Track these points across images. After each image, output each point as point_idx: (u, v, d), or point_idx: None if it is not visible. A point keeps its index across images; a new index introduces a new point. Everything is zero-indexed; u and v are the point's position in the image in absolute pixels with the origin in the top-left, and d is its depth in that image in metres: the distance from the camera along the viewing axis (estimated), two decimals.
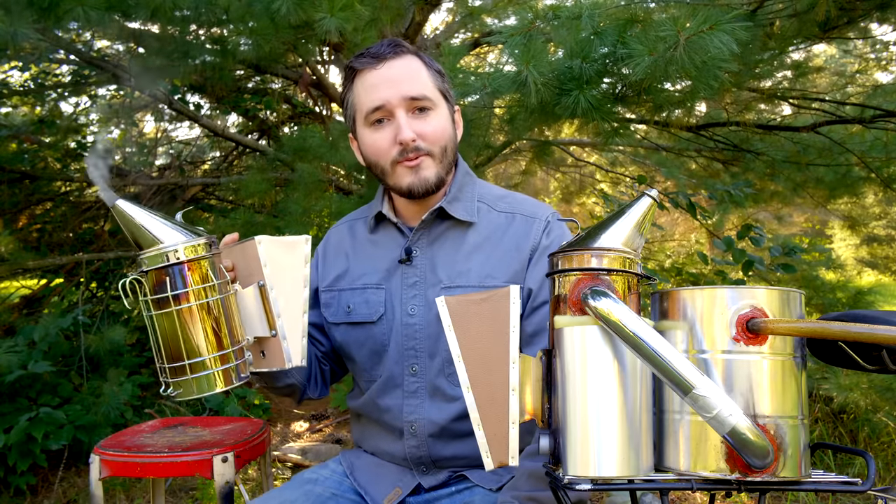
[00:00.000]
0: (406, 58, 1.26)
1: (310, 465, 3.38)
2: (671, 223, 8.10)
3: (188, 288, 1.00)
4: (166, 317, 1.00)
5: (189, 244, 1.01)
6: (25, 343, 3.22)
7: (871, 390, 2.68)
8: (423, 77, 1.27)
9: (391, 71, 1.24)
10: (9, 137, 4.45)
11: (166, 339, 1.01)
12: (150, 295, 1.00)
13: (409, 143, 1.22)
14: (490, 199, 1.35)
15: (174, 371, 1.02)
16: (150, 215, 1.02)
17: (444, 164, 1.28)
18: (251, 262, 1.11)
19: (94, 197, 4.99)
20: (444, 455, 1.28)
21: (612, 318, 0.76)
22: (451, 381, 1.27)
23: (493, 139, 3.57)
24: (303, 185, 3.24)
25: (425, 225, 1.31)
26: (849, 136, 3.84)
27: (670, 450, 0.81)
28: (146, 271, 1.00)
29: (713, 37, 1.83)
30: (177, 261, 1.00)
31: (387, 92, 1.23)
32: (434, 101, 1.26)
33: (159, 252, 0.99)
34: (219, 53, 3.26)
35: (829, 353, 0.85)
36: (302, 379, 1.35)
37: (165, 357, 1.02)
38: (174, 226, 1.03)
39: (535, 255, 1.27)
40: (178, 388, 1.02)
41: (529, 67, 2.09)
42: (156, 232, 1.00)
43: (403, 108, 1.23)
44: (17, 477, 3.03)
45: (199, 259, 1.02)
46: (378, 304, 1.32)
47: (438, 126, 1.26)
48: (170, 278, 0.99)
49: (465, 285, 1.25)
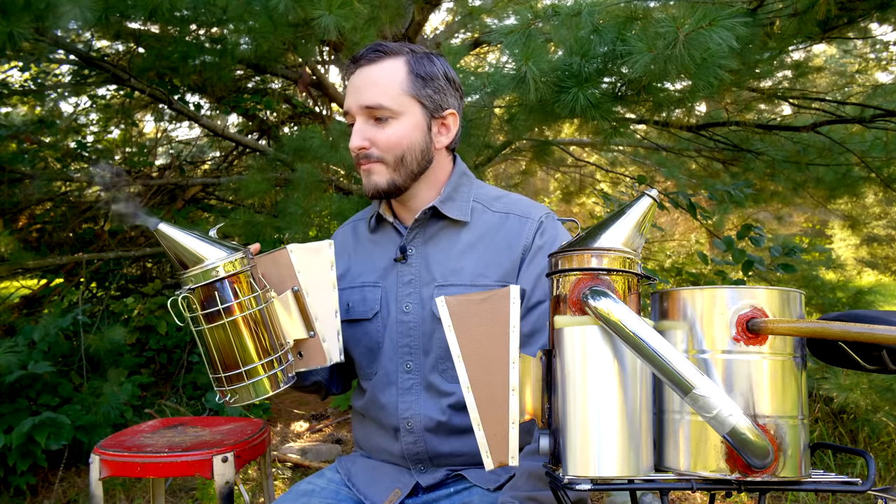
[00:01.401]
0: (382, 63, 1.26)
1: (310, 465, 3.38)
2: (671, 223, 8.11)
3: (236, 300, 1.08)
4: (218, 329, 1.08)
5: (231, 259, 1.08)
6: (25, 343, 3.22)
7: (871, 390, 2.68)
8: (391, 84, 1.25)
9: (360, 77, 1.27)
10: (9, 137, 4.45)
11: (220, 350, 1.08)
12: (200, 310, 1.07)
13: (355, 150, 1.28)
14: (486, 200, 1.35)
15: (230, 379, 1.09)
16: (191, 235, 1.09)
17: (402, 172, 1.28)
18: (283, 269, 1.18)
19: (94, 197, 5.00)
20: (441, 451, 1.29)
21: (612, 318, 0.76)
22: (444, 377, 1.28)
23: (493, 139, 3.57)
24: (303, 185, 3.24)
25: (420, 224, 1.33)
26: (849, 135, 3.83)
27: (670, 450, 0.81)
28: (194, 288, 1.07)
29: (712, 33, 1.83)
30: (223, 275, 1.07)
31: (351, 98, 1.28)
32: (395, 109, 1.25)
33: (204, 269, 1.06)
34: (218, 53, 3.26)
35: (829, 353, 0.85)
36: (326, 376, 1.42)
37: (221, 367, 1.09)
38: (213, 243, 1.10)
39: (527, 254, 1.27)
40: (235, 394, 1.09)
41: (529, 64, 2.09)
42: (199, 251, 1.08)
43: (362, 116, 1.27)
44: (17, 477, 3.03)
45: (241, 272, 1.09)
46: (374, 302, 1.34)
47: (394, 134, 1.26)
48: (218, 293, 1.07)
49: (458, 283, 1.27)
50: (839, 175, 4.00)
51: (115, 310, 4.32)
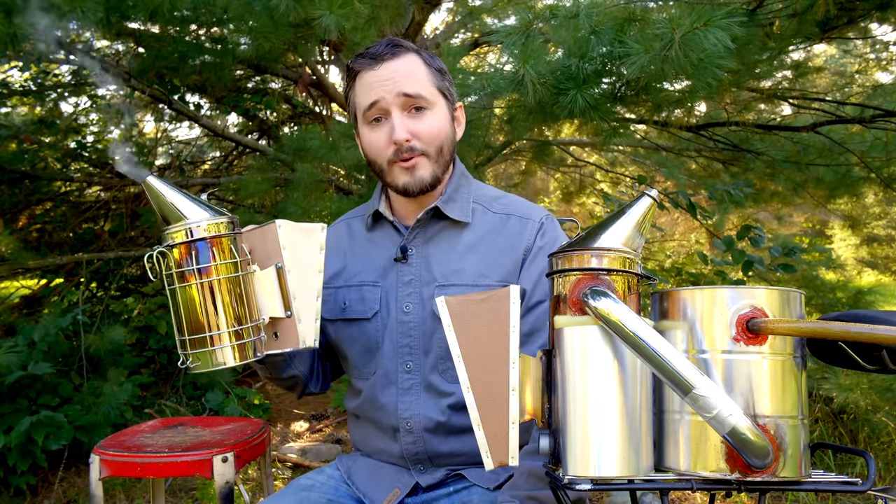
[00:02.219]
0: (404, 57, 1.27)
1: (310, 465, 3.38)
2: (671, 223, 8.11)
3: (212, 263, 1.04)
4: (190, 289, 1.04)
5: (214, 221, 1.05)
6: (25, 343, 3.21)
7: (871, 390, 2.68)
8: (421, 75, 1.27)
9: (388, 71, 1.25)
10: (9, 137, 4.45)
11: (188, 311, 1.05)
12: (175, 268, 1.04)
13: (402, 143, 1.24)
14: (485, 200, 1.36)
15: (193, 343, 1.05)
16: (179, 193, 1.06)
17: (441, 164, 1.29)
18: (270, 245, 1.15)
19: (94, 197, 4.99)
20: (441, 451, 1.29)
21: (612, 318, 0.76)
22: (444, 377, 1.28)
23: (493, 139, 3.57)
24: (303, 185, 3.24)
25: (421, 224, 1.33)
26: (849, 136, 3.84)
27: (670, 450, 0.81)
28: (172, 245, 1.04)
29: (707, 34, 1.83)
30: (202, 236, 1.04)
31: (382, 90, 1.25)
32: (430, 99, 1.27)
33: (186, 227, 1.03)
34: (218, 53, 3.26)
35: (829, 353, 0.85)
36: (305, 371, 1.38)
37: (186, 329, 1.05)
38: (200, 204, 1.07)
39: (528, 255, 1.28)
40: (197, 360, 1.06)
41: (527, 66, 2.10)
42: (184, 208, 1.05)
43: (398, 107, 1.25)
44: (17, 477, 3.02)
45: (223, 236, 1.06)
46: (374, 302, 1.33)
47: (434, 125, 1.27)
48: (195, 253, 1.04)
49: (459, 284, 1.27)
50: (839, 175, 4.00)
51: (115, 310, 4.32)
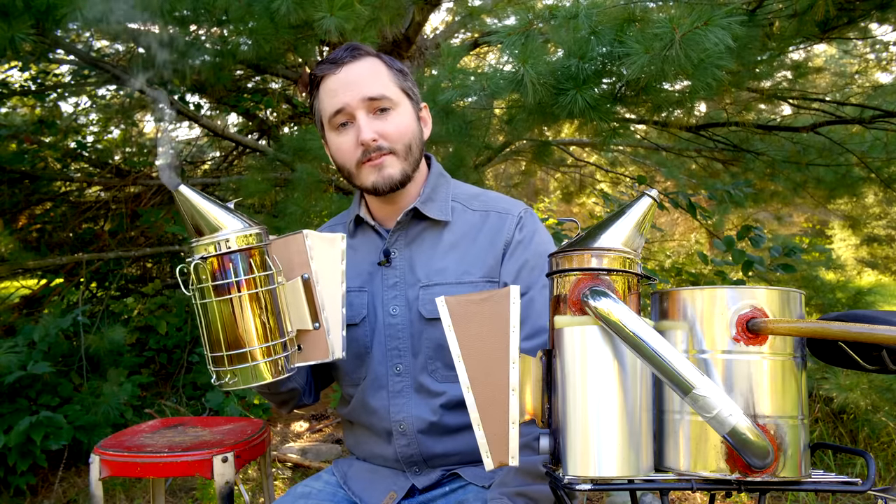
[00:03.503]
0: (364, 60, 1.28)
1: (310, 465, 3.38)
2: (671, 223, 8.11)
3: (250, 275, 1.00)
4: (225, 304, 0.99)
5: (248, 232, 1.00)
6: (25, 343, 3.22)
7: (871, 390, 2.68)
8: (383, 77, 1.28)
9: (349, 74, 1.26)
10: (9, 137, 4.45)
11: (225, 326, 1.00)
12: (210, 281, 0.99)
13: (370, 143, 1.25)
14: (464, 199, 1.37)
15: (231, 359, 1.00)
16: (210, 202, 1.01)
17: (410, 161, 1.30)
18: (294, 255, 1.12)
19: (94, 197, 4.99)
20: (435, 452, 1.29)
21: (612, 318, 0.76)
22: (434, 377, 1.28)
23: (493, 139, 3.57)
24: (302, 185, 3.24)
25: (402, 226, 1.34)
26: (849, 136, 3.84)
27: (670, 450, 0.81)
28: (207, 257, 0.99)
29: (708, 33, 1.83)
30: (240, 247, 0.99)
31: (346, 95, 1.26)
32: (394, 99, 1.28)
33: (221, 239, 0.98)
34: (219, 53, 3.26)
35: (829, 353, 0.85)
36: (303, 383, 1.37)
37: (224, 345, 1.00)
38: (231, 213, 1.02)
39: (508, 248, 1.29)
40: (235, 376, 1.01)
41: (526, 66, 2.10)
42: (218, 218, 1.00)
43: (364, 110, 1.26)
44: (17, 477, 3.02)
45: (257, 248, 1.02)
46: (361, 307, 1.34)
47: (401, 124, 1.28)
48: (232, 265, 0.99)
49: (442, 283, 1.28)
50: (839, 175, 4.01)
51: (115, 310, 4.32)
